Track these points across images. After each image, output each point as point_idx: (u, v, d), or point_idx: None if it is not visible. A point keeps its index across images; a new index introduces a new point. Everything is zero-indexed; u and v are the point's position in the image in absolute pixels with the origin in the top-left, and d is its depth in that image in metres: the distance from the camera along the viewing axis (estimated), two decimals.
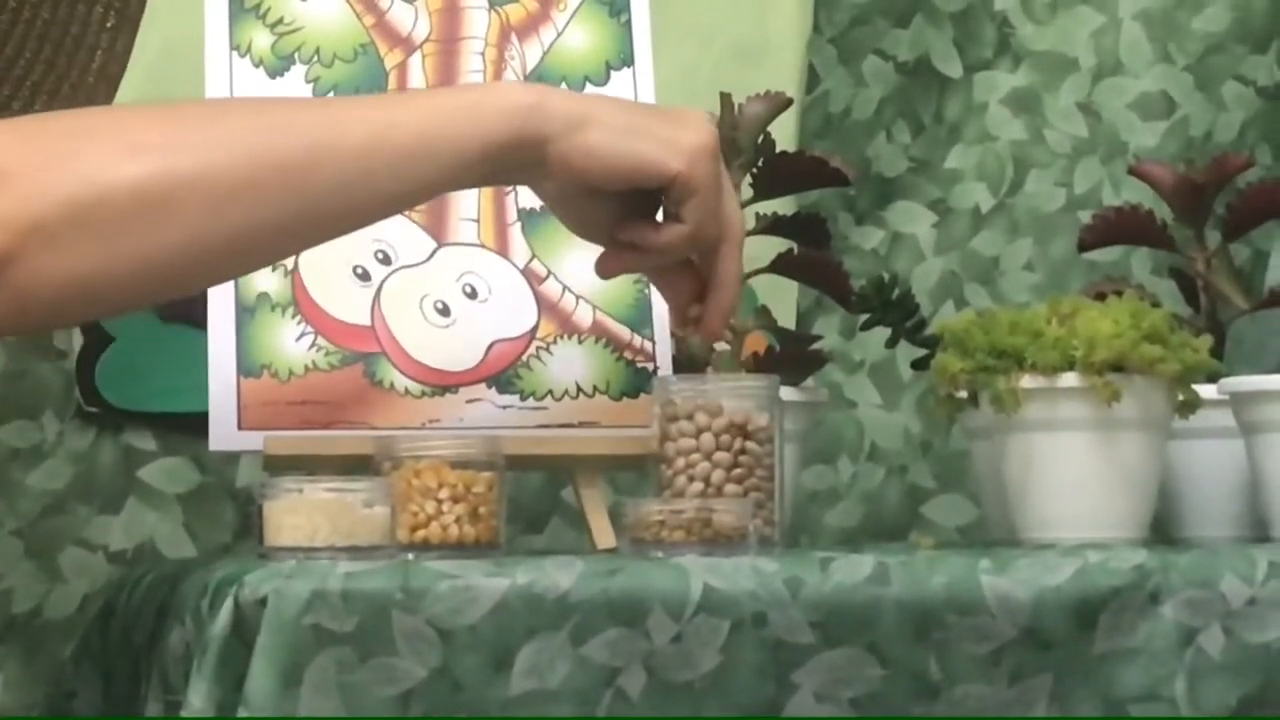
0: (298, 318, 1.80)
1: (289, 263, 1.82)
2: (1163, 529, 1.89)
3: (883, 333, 2.07)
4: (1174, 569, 1.63)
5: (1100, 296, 1.87)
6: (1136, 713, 1.62)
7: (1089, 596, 1.61)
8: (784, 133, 2.02)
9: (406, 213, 1.82)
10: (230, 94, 1.85)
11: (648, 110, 1.76)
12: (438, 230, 1.86)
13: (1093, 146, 2.32)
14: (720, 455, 1.70)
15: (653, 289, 1.87)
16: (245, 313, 1.79)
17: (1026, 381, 1.77)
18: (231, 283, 1.79)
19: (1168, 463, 1.87)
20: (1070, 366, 1.76)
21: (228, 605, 1.51)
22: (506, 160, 1.65)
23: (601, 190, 1.71)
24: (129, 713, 1.82)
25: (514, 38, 1.90)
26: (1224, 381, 1.85)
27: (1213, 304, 1.97)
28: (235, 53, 1.84)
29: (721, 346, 1.88)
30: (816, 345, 2.06)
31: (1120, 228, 2.04)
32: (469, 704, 1.56)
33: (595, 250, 1.80)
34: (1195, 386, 1.80)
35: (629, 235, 1.73)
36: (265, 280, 1.80)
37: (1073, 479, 1.80)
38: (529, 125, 1.63)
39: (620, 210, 1.74)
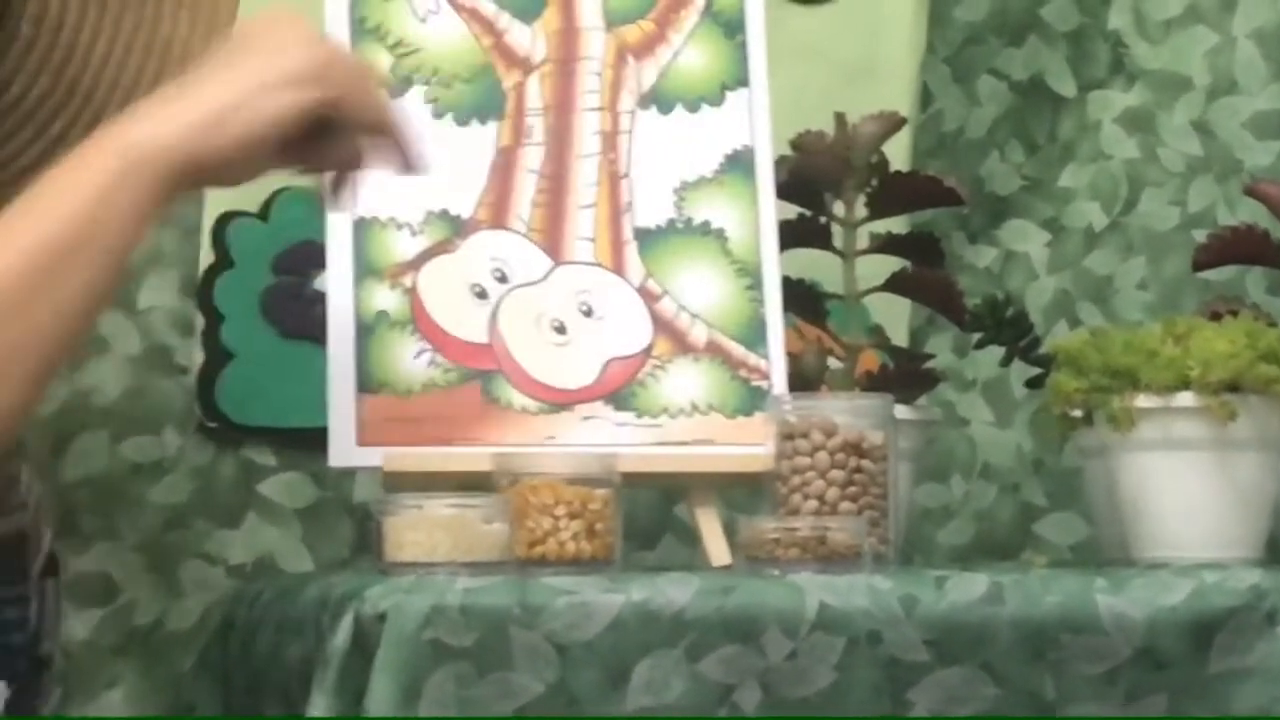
0: (416, 335, 1.81)
1: (407, 280, 1.84)
2: (1279, 549, 1.90)
3: (996, 351, 2.09)
4: None
5: (1215, 316, 1.89)
6: None
7: (1205, 616, 1.61)
8: (897, 152, 2.03)
9: (524, 232, 1.86)
10: None
11: (241, 60, 1.59)
12: (554, 249, 1.86)
13: (1207, 165, 2.29)
14: (835, 473, 1.72)
15: (767, 307, 1.87)
16: (365, 330, 1.80)
17: (1141, 401, 1.78)
18: (351, 299, 1.82)
19: None
20: (1185, 386, 1.76)
21: (348, 620, 1.54)
22: (177, 198, 1.58)
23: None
24: (249, 709, 1.84)
25: (630, 58, 1.90)
26: None
27: None
28: None
29: (835, 364, 1.90)
30: (929, 364, 2.06)
31: (1235, 247, 2.03)
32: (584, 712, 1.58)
33: (709, 271, 1.83)
34: None
35: (308, 168, 1.64)
36: (385, 298, 1.82)
37: (1188, 498, 1.80)
38: (179, 171, 1.55)
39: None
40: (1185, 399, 1.77)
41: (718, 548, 1.79)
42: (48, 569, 1.88)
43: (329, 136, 1.61)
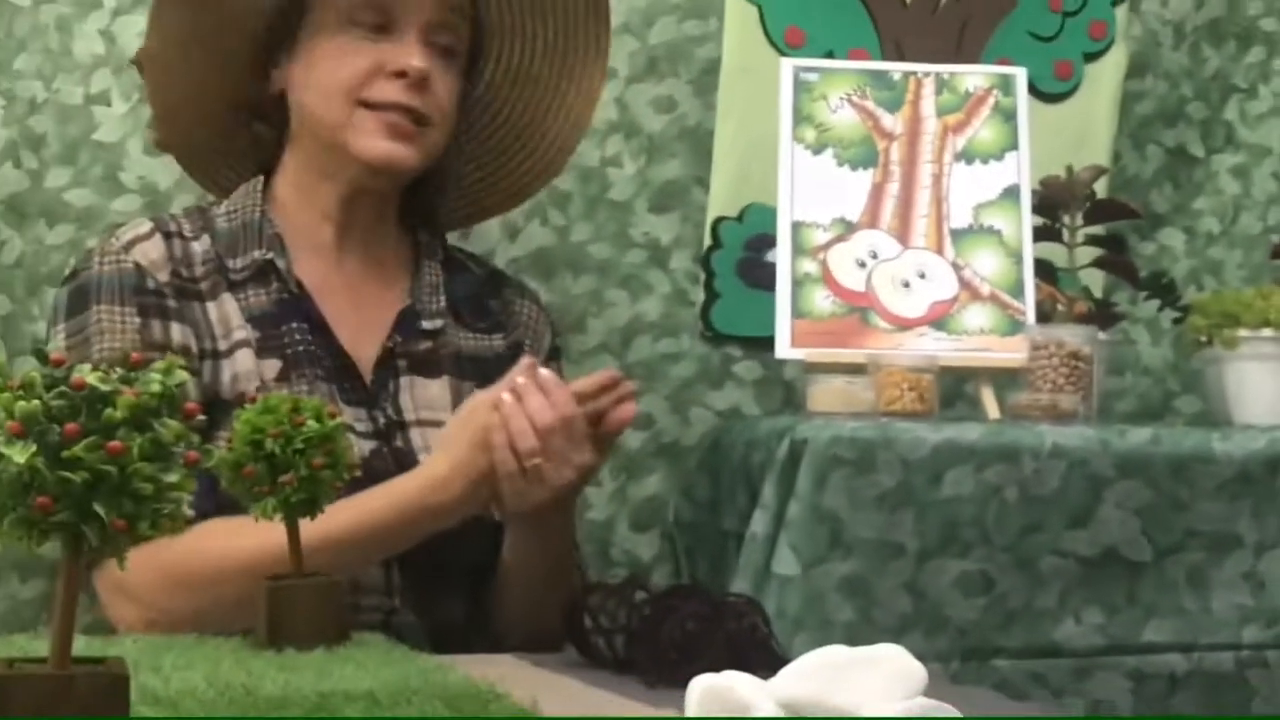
0: (824, 286, 1.85)
1: (821, 256, 1.85)
2: None
3: (1154, 303, 2.08)
4: None
5: None
6: None
7: (1275, 455, 1.71)
8: (1100, 187, 2.02)
9: (886, 230, 1.89)
10: (792, 168, 1.88)
11: (448, 452, 1.55)
12: (904, 240, 1.89)
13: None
14: (1061, 369, 1.78)
15: (1024, 275, 1.89)
16: (796, 283, 1.84)
17: (1241, 333, 1.85)
18: (789, 266, 1.83)
19: None
20: (1266, 324, 1.83)
21: (786, 442, 1.64)
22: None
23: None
24: (728, 496, 1.84)
25: (950, 134, 1.93)
26: None
27: None
28: (797, 143, 1.89)
29: (1061, 309, 1.89)
30: (1115, 309, 2.06)
31: None
32: (915, 500, 1.63)
33: (991, 254, 1.89)
34: None
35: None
36: (808, 266, 1.85)
37: (1264, 389, 1.85)
38: (430, 524, 1.54)
39: None
40: (1266, 332, 1.84)
41: (992, 410, 1.82)
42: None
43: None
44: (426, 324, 1.71)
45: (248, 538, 1.38)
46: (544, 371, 1.54)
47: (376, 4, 1.65)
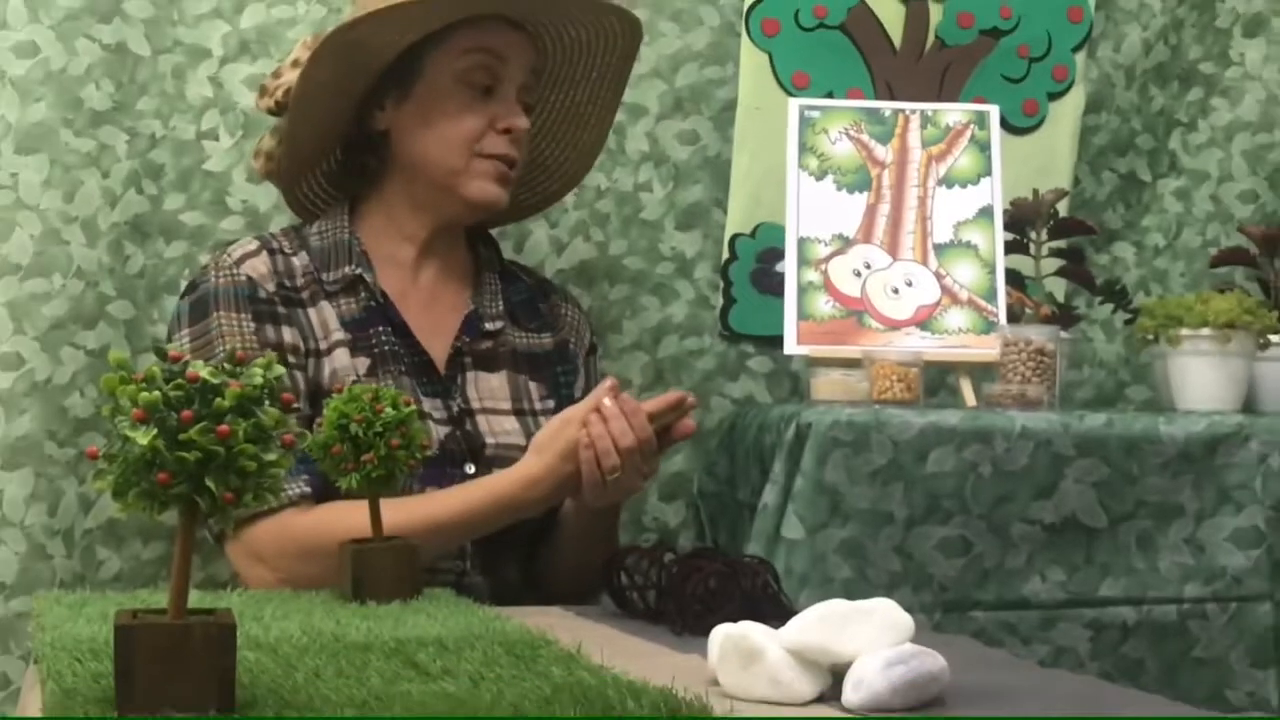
0: (825, 293, 1.83)
1: (823, 267, 1.83)
2: (1249, 406, 1.85)
3: (1109, 306, 2.05)
4: (1257, 424, 1.71)
5: (1220, 290, 1.89)
6: (1236, 496, 1.69)
7: (1212, 436, 1.70)
8: (1063, 207, 2.00)
9: (879, 244, 1.86)
10: (798, 191, 1.86)
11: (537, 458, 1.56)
12: (894, 253, 1.86)
13: (1216, 216, 2.22)
14: (1029, 363, 1.76)
15: (997, 283, 1.85)
16: (801, 290, 1.83)
17: (1183, 332, 1.81)
18: (795, 276, 1.82)
19: (1254, 372, 1.85)
20: (1205, 325, 1.79)
21: (793, 426, 1.64)
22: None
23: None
24: (743, 472, 1.81)
25: (933, 162, 1.90)
26: None
27: (1277, 297, 1.95)
28: (802, 170, 1.87)
29: (1029, 312, 1.87)
30: (1075, 311, 2.05)
31: (1230, 257, 2.04)
32: (904, 475, 1.61)
33: (968, 265, 1.87)
34: (1269, 336, 1.83)
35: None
36: (811, 275, 1.82)
37: (1205, 380, 1.82)
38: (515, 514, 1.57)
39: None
40: (1205, 331, 1.80)
41: (970, 398, 1.80)
42: None
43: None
44: (488, 325, 1.73)
45: (363, 516, 1.39)
46: (624, 397, 1.56)
47: (487, 68, 1.68)
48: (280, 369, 0.92)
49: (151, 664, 0.86)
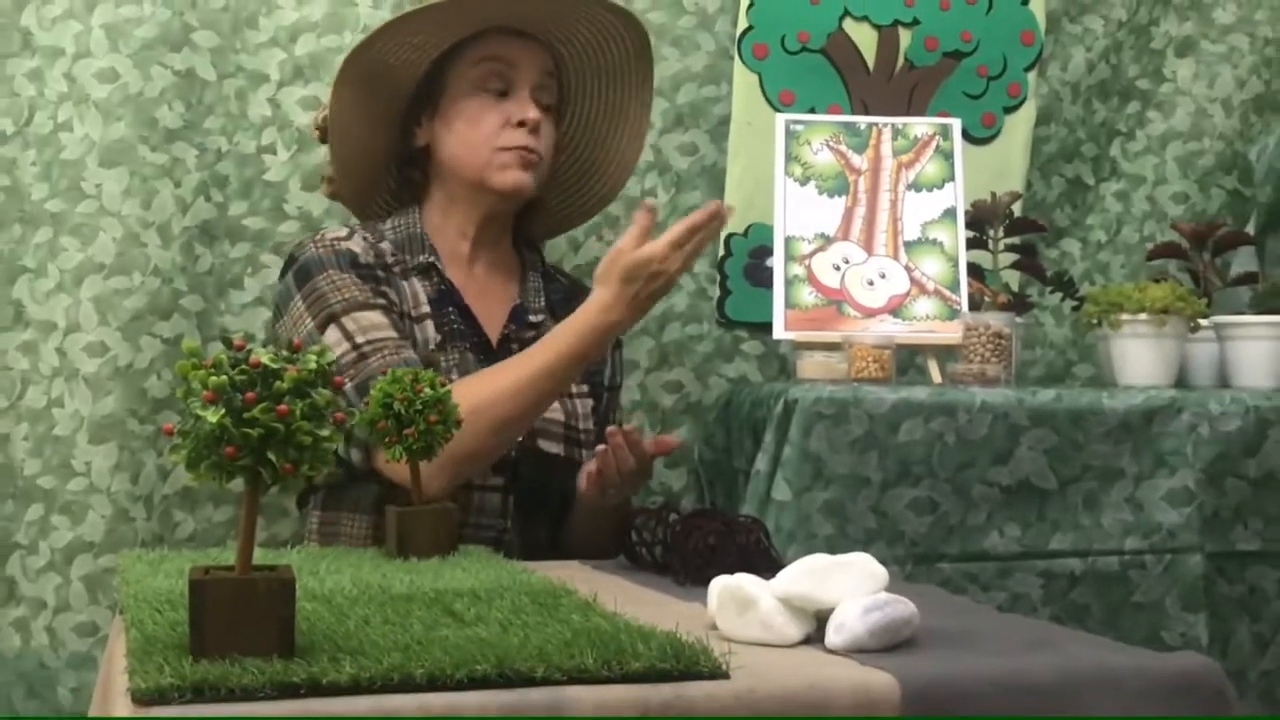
0: (809, 285, 1.82)
1: (807, 262, 1.80)
2: (1181, 381, 1.83)
3: (1058, 295, 2.00)
4: (1188, 398, 1.69)
5: (1156, 280, 1.87)
6: (1170, 460, 1.67)
7: (1149, 408, 1.68)
8: (1016, 208, 1.94)
9: (856, 241, 1.84)
10: (785, 196, 1.84)
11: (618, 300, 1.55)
12: (869, 249, 1.85)
13: (1152, 215, 2.20)
14: (988, 345, 1.74)
15: (960, 275, 1.82)
16: (788, 283, 1.81)
17: (1124, 317, 1.78)
18: (783, 270, 1.80)
19: (1185, 352, 1.84)
20: (1143, 310, 1.77)
21: (782, 401, 1.63)
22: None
23: None
24: (738, 442, 1.79)
25: (903, 169, 1.89)
26: (1211, 319, 1.84)
27: (1206, 286, 1.92)
28: (788, 177, 1.86)
29: (987, 300, 1.81)
30: (1028, 299, 2.01)
31: (1164, 251, 1.99)
32: (878, 444, 1.59)
33: (935, 259, 1.85)
34: (1198, 320, 1.80)
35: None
36: (797, 269, 1.80)
37: (1142, 359, 1.79)
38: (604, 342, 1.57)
39: None
40: (1142, 316, 1.77)
41: (936, 376, 1.79)
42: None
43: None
44: (532, 318, 1.74)
45: (483, 381, 1.50)
46: (629, 428, 1.59)
47: (499, 74, 1.70)
48: (333, 355, 0.94)
49: (221, 614, 0.87)
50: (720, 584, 1.09)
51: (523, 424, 1.58)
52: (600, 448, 1.58)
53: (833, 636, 1.02)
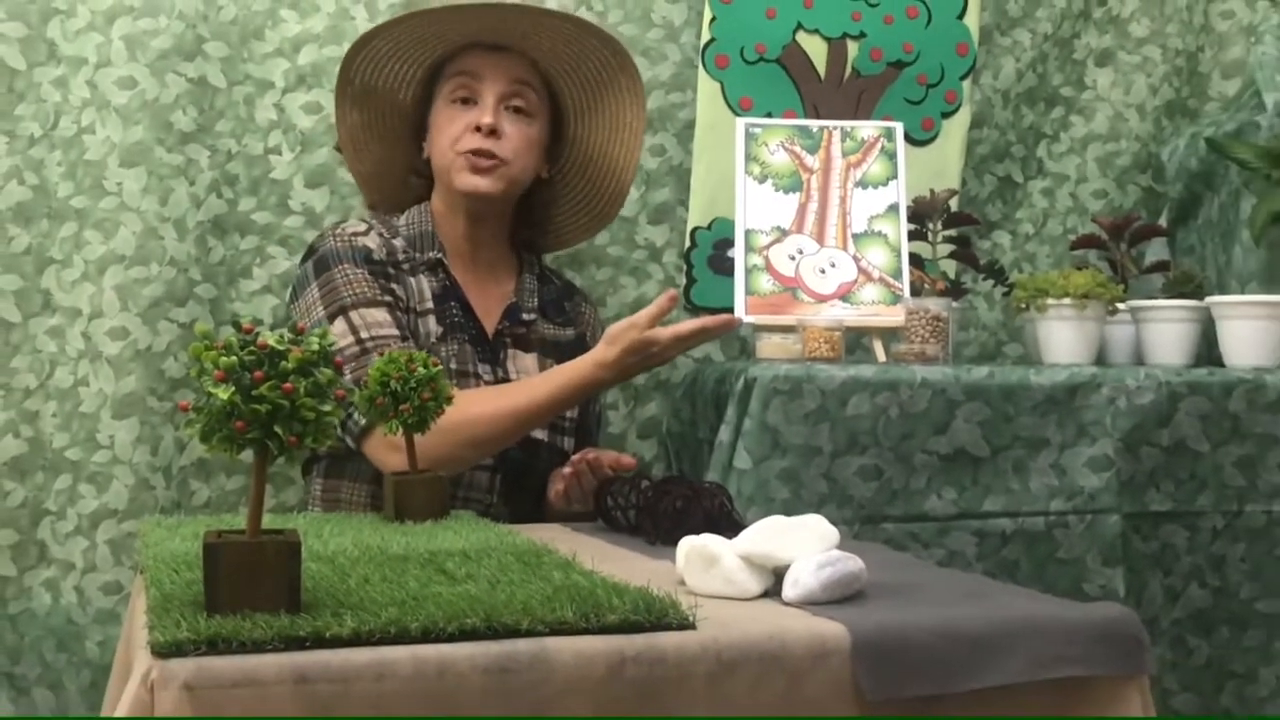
0: (768, 273, 1.80)
1: (765, 252, 1.78)
2: (1101, 359, 1.83)
3: (990, 281, 1.97)
4: (1107, 374, 1.67)
5: (1078, 269, 1.85)
6: (1090, 430, 1.66)
7: (1072, 384, 1.67)
8: (952, 204, 1.92)
9: (809, 234, 1.82)
10: (745, 193, 1.81)
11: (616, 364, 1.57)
12: (820, 240, 1.83)
13: (1074, 209, 2.18)
14: (927, 327, 1.74)
15: (902, 263, 1.80)
16: (748, 272, 1.79)
17: (1049, 301, 1.78)
18: (744, 259, 1.77)
19: (1104, 333, 1.84)
20: (1066, 295, 1.77)
21: (743, 378, 1.61)
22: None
23: None
24: (703, 415, 1.77)
25: (851, 168, 1.87)
26: (1127, 303, 1.83)
27: (1123, 274, 1.91)
28: (748, 176, 1.84)
29: (927, 287, 1.80)
30: (964, 286, 1.97)
31: (1085, 242, 1.97)
32: (829, 417, 1.58)
33: (880, 249, 1.83)
34: (1116, 304, 1.80)
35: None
36: (756, 259, 1.78)
37: (1064, 339, 1.79)
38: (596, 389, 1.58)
39: None
40: (1066, 301, 1.77)
41: (881, 356, 1.79)
42: None
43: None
44: (525, 315, 1.74)
45: (473, 402, 1.48)
46: (593, 455, 1.59)
47: (466, 86, 1.70)
48: (333, 338, 0.93)
49: (233, 574, 0.87)
50: (687, 544, 1.09)
51: (498, 446, 1.59)
52: (566, 470, 1.59)
53: (789, 590, 1.02)
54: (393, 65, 1.72)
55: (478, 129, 1.67)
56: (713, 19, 1.98)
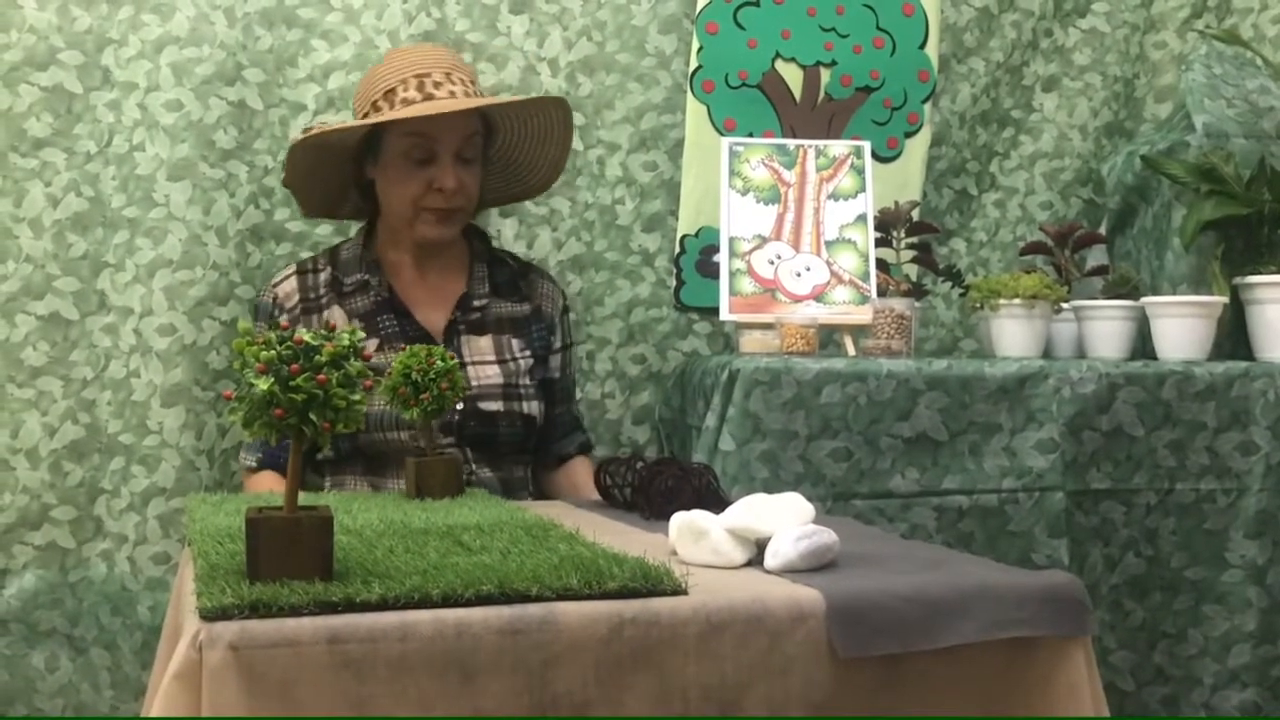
0: (750, 276, 1.79)
1: (748, 257, 1.77)
2: (1048, 353, 1.82)
3: (948, 284, 1.99)
4: (1053, 366, 1.66)
5: (1027, 272, 1.82)
6: (1038, 416, 1.64)
7: (1021, 375, 1.66)
8: (915, 214, 1.89)
9: (786, 241, 1.80)
10: (728, 203, 1.79)
11: None
12: (796, 247, 1.83)
13: (1023, 218, 2.16)
14: (893, 325, 1.72)
15: (870, 268, 1.79)
16: (732, 275, 1.79)
17: (1001, 302, 1.76)
18: (728, 263, 1.75)
19: (1050, 330, 1.82)
20: (1016, 296, 1.76)
21: (727, 370, 1.61)
22: None
23: None
24: (691, 403, 1.76)
25: (824, 181, 1.87)
26: (1071, 303, 1.82)
27: (1067, 277, 1.89)
28: (731, 189, 1.83)
29: (892, 289, 1.79)
30: (925, 287, 1.94)
31: (1034, 249, 1.95)
32: (805, 405, 1.57)
33: (850, 255, 1.82)
34: (1060, 304, 1.78)
35: None
36: (739, 264, 1.78)
37: (1015, 335, 1.77)
38: None
39: None
40: (1016, 301, 1.75)
41: (851, 350, 1.77)
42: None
43: None
44: (476, 302, 1.70)
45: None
46: None
47: (423, 148, 1.64)
48: (362, 334, 0.92)
49: (272, 546, 0.87)
50: (679, 518, 1.09)
51: None
52: None
53: (770, 560, 1.02)
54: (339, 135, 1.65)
55: (440, 191, 1.64)
56: (700, 48, 1.97)
